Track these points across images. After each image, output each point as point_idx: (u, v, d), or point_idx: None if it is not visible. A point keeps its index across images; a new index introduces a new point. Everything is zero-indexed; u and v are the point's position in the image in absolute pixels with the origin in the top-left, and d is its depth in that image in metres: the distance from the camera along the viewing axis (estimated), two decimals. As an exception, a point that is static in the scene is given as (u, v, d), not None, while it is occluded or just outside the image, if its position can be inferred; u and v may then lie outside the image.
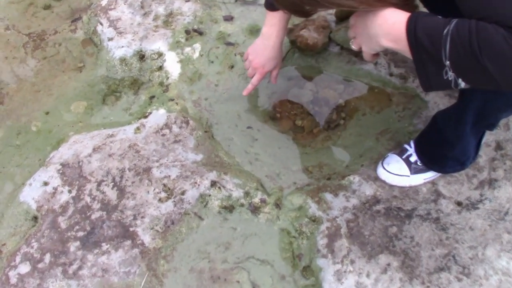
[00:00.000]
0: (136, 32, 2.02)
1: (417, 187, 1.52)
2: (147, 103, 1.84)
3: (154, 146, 1.67)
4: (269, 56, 1.56)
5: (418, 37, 0.94)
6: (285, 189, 1.58)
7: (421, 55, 0.96)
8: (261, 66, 1.58)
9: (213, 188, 1.54)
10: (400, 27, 0.97)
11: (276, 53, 1.56)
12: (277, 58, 1.58)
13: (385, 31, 1.02)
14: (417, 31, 0.94)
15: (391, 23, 1.00)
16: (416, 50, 0.96)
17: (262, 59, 1.57)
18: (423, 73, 0.98)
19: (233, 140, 1.72)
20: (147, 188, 1.57)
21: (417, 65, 0.98)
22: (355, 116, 1.76)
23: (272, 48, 1.54)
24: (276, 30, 1.51)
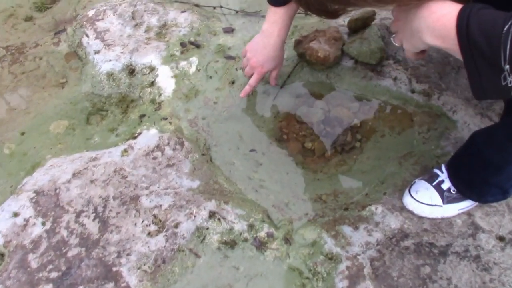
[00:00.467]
0: (125, 45, 1.87)
1: (451, 219, 1.36)
2: (137, 123, 1.69)
3: (144, 171, 1.51)
4: (268, 55, 1.50)
5: (471, 35, 0.79)
6: (295, 221, 1.45)
7: (474, 57, 0.81)
8: (260, 65, 1.52)
9: (212, 220, 1.39)
10: (448, 21, 0.82)
11: (277, 53, 1.51)
12: (277, 58, 1.53)
13: (430, 25, 0.86)
14: (470, 27, 0.79)
15: (438, 16, 0.85)
16: (468, 50, 0.81)
17: (261, 58, 1.51)
18: (476, 78, 0.84)
19: (235, 164, 1.60)
20: (134, 220, 1.39)
21: (469, 68, 0.84)
22: (372, 138, 1.63)
23: (273, 47, 1.48)
24: (278, 28, 1.44)
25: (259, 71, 1.53)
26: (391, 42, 1.73)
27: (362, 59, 1.69)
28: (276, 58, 1.52)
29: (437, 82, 1.63)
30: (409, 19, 0.91)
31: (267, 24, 1.45)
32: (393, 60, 1.72)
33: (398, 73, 1.68)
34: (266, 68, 1.53)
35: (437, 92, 1.63)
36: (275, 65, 1.55)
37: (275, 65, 1.55)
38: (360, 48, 1.69)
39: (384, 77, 1.69)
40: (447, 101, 1.59)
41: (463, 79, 1.62)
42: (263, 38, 1.48)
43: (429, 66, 1.67)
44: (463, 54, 0.82)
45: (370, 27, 1.73)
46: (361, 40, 1.70)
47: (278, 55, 1.52)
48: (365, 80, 1.72)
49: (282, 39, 1.47)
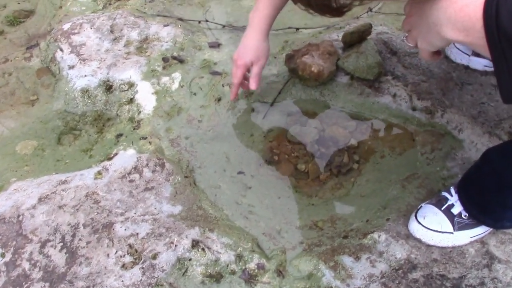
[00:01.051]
0: (103, 59, 1.78)
1: (463, 248, 1.24)
2: (113, 143, 1.60)
3: (119, 195, 1.40)
4: (246, 45, 1.43)
5: (502, 25, 0.69)
6: (289, 250, 1.34)
7: (504, 51, 0.71)
8: (238, 57, 1.44)
9: (195, 250, 1.27)
10: (473, 11, 0.72)
11: (255, 43, 1.42)
12: (256, 49, 1.42)
13: (450, 17, 0.76)
14: (500, 16, 0.69)
15: (460, 6, 0.75)
16: (497, 43, 0.71)
17: (239, 49, 1.44)
18: (506, 76, 0.74)
19: (221, 188, 1.50)
20: (106, 250, 1.26)
21: (498, 65, 0.74)
22: (371, 159, 1.55)
23: (253, 36, 1.42)
24: (258, 16, 1.40)
25: (237, 64, 1.44)
26: (388, 57, 1.65)
27: (359, 75, 1.62)
28: (254, 49, 1.41)
29: (440, 99, 1.55)
30: (425, 12, 0.81)
31: (252, 12, 1.41)
32: (391, 76, 1.64)
33: (398, 89, 1.61)
34: (243, 59, 1.42)
35: (440, 110, 1.54)
36: (255, 57, 1.43)
37: (255, 57, 1.43)
38: (356, 62, 1.61)
39: (383, 94, 1.62)
40: (452, 119, 1.51)
41: (468, 96, 1.54)
42: (247, 28, 1.44)
43: (430, 81, 1.59)
44: (491, 48, 0.72)
45: (366, 41, 1.66)
46: (357, 55, 1.62)
47: (257, 46, 1.41)
48: (362, 97, 1.64)
49: (262, 28, 1.39)
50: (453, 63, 1.64)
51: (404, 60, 1.68)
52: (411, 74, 1.63)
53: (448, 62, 1.65)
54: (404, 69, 1.65)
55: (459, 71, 1.62)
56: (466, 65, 1.62)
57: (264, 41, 1.43)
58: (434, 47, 0.85)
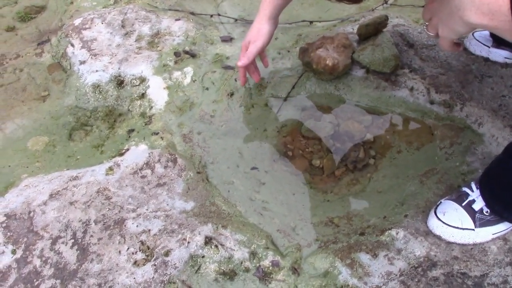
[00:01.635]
0: (114, 54, 1.77)
1: (484, 245, 1.21)
2: (125, 138, 1.59)
3: (131, 191, 1.39)
4: (252, 27, 1.49)
5: None
6: (304, 248, 1.32)
7: None
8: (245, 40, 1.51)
9: (208, 247, 1.26)
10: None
11: (257, 25, 1.48)
12: (257, 31, 1.48)
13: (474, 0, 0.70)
14: None
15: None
16: None
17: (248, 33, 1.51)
18: None
19: (234, 184, 1.49)
20: (118, 247, 1.25)
21: None
22: (388, 154, 1.53)
23: (257, 20, 1.48)
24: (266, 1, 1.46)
25: (242, 45, 1.51)
26: (405, 50, 1.62)
27: (375, 68, 1.60)
28: (255, 30, 1.47)
29: (459, 92, 1.52)
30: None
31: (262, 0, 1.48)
32: (408, 69, 1.61)
33: (415, 82, 1.58)
34: (246, 39, 1.49)
35: (459, 103, 1.52)
36: (255, 37, 1.48)
37: (255, 37, 1.48)
38: (372, 55, 1.59)
39: (400, 87, 1.59)
40: (471, 113, 1.49)
41: (488, 88, 1.51)
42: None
43: (449, 74, 1.56)
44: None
45: (382, 34, 1.63)
46: (373, 47, 1.59)
47: (258, 28, 1.47)
48: (378, 90, 1.62)
49: (266, 12, 1.45)
50: (472, 55, 1.61)
51: (421, 52, 1.65)
52: (428, 66, 1.60)
53: (467, 54, 1.62)
54: (422, 62, 1.62)
55: (478, 64, 1.58)
56: (486, 57, 1.59)
57: (266, 24, 1.47)
58: (456, 34, 0.82)
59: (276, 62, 1.72)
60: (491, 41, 1.58)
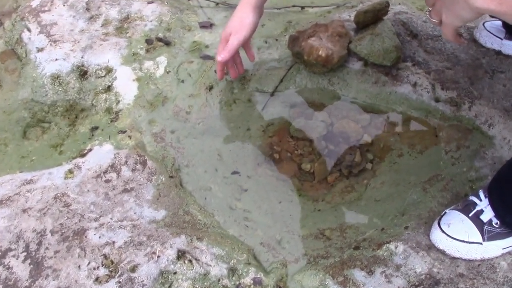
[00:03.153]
0: (77, 41, 1.80)
1: (493, 261, 1.25)
2: (87, 137, 1.62)
3: (93, 197, 1.41)
4: (235, 16, 1.51)
5: None
6: (290, 263, 1.36)
7: None
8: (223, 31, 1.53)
9: (181, 262, 1.28)
10: None
11: (240, 15, 1.50)
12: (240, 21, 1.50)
13: None
14: None
15: None
16: None
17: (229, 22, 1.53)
18: None
19: (212, 190, 1.53)
20: (78, 261, 1.27)
21: None
22: (387, 158, 1.58)
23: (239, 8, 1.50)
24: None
25: (222, 36, 1.53)
26: (408, 41, 1.66)
27: (374, 60, 1.63)
28: (237, 20, 1.50)
29: (468, 89, 1.57)
30: None
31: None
32: (411, 62, 1.66)
33: (419, 77, 1.63)
34: (227, 30, 1.51)
35: (467, 101, 1.57)
36: (237, 27, 1.50)
37: (237, 27, 1.50)
38: (371, 46, 1.62)
39: (401, 83, 1.64)
40: (481, 112, 1.53)
41: (500, 85, 1.56)
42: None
43: (456, 69, 1.61)
44: None
45: (382, 22, 1.67)
46: (372, 37, 1.63)
47: (240, 18, 1.49)
48: (377, 86, 1.66)
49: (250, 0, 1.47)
50: (483, 47, 1.65)
51: (426, 44, 1.68)
52: (434, 60, 1.64)
53: (477, 46, 1.66)
54: (426, 54, 1.65)
55: (489, 57, 1.62)
56: (498, 50, 1.63)
57: (250, 13, 1.49)
58: (461, 20, 0.85)
59: (262, 52, 1.75)
60: (504, 32, 1.61)
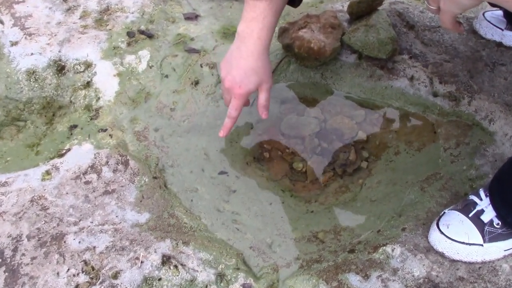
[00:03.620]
0: (53, 34, 1.80)
1: (495, 264, 1.26)
2: (65, 136, 1.62)
3: (72, 200, 1.42)
4: (246, 67, 1.36)
5: None
6: (282, 268, 1.37)
7: None
8: (237, 85, 1.38)
9: (166, 267, 1.29)
10: None
11: (259, 63, 1.36)
12: (261, 70, 1.38)
13: None
14: None
15: None
16: None
17: (236, 74, 1.37)
18: None
19: (198, 191, 1.53)
20: (56, 268, 1.27)
21: None
22: (383, 156, 1.60)
23: (252, 54, 1.34)
24: (259, 26, 1.32)
25: (237, 94, 1.39)
26: (404, 32, 1.67)
27: (368, 53, 1.65)
28: (258, 71, 1.37)
29: (467, 83, 1.59)
30: None
31: (244, 23, 1.34)
32: (408, 55, 1.67)
33: (416, 71, 1.64)
34: (245, 87, 1.38)
35: (467, 96, 1.58)
36: (259, 81, 1.39)
37: (259, 81, 1.39)
38: (365, 38, 1.64)
39: (398, 76, 1.65)
40: (481, 107, 1.55)
41: (501, 78, 1.58)
42: (238, 44, 1.37)
43: (455, 61, 1.63)
44: None
45: (377, 12, 1.69)
46: (367, 28, 1.64)
47: (261, 66, 1.37)
48: (372, 80, 1.68)
49: (265, 42, 1.34)
50: (483, 39, 1.66)
51: (423, 35, 1.70)
52: (431, 52, 1.65)
53: (477, 38, 1.68)
54: (424, 47, 1.66)
55: (490, 49, 1.64)
56: (499, 42, 1.64)
57: (267, 59, 1.39)
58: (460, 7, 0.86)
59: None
60: (505, 22, 1.63)
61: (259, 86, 1.40)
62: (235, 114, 1.42)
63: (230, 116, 1.43)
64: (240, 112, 1.43)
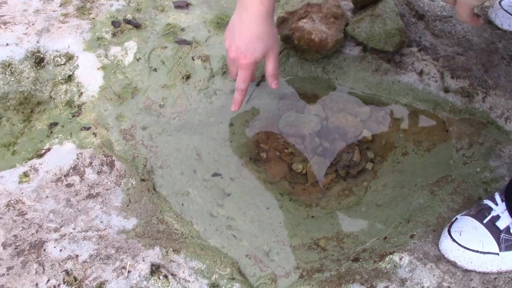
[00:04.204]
0: (31, 23, 1.80)
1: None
2: (45, 135, 1.62)
3: (53, 204, 1.42)
4: (251, 35, 1.39)
5: None
6: (280, 278, 1.37)
7: None
8: (242, 55, 1.40)
9: (155, 278, 1.29)
10: None
11: (263, 29, 1.39)
12: (265, 37, 1.40)
13: None
14: None
15: None
16: None
17: (241, 43, 1.39)
18: None
19: (190, 195, 1.54)
20: (35, 279, 1.27)
21: None
22: (390, 157, 1.60)
23: (255, 20, 1.37)
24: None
25: (243, 64, 1.41)
26: (413, 23, 1.67)
27: (374, 45, 1.65)
28: (263, 37, 1.39)
29: (481, 77, 1.59)
30: None
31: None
32: (417, 47, 1.67)
33: (425, 64, 1.64)
34: (251, 56, 1.40)
35: (481, 92, 1.58)
36: (265, 48, 1.41)
37: (265, 48, 1.41)
38: (370, 29, 1.64)
39: (406, 71, 1.65)
40: (496, 104, 1.55)
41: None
42: (240, 12, 1.39)
43: (468, 54, 1.63)
44: None
45: (383, 1, 1.69)
46: (372, 18, 1.64)
47: (265, 32, 1.39)
48: (378, 74, 1.67)
49: (268, 7, 1.36)
50: (499, 29, 1.67)
51: (433, 26, 1.70)
52: (442, 44, 1.66)
53: (492, 28, 1.68)
54: (434, 38, 1.67)
55: (506, 41, 1.64)
56: (517, 33, 1.64)
57: (272, 25, 1.41)
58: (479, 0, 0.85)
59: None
60: None
61: (265, 54, 1.42)
62: (243, 86, 1.45)
63: (239, 89, 1.46)
64: (248, 84, 1.46)
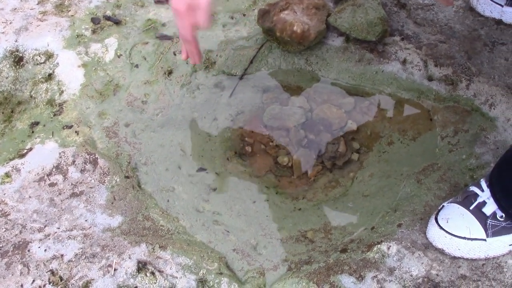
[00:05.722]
0: (8, 22, 1.80)
1: (500, 260, 1.27)
2: (26, 134, 1.61)
3: (36, 204, 1.42)
4: None
5: None
6: (269, 271, 1.38)
7: None
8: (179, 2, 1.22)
9: (142, 275, 1.29)
10: None
11: None
12: None
13: None
14: None
15: None
16: None
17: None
18: None
19: (175, 191, 1.54)
20: (20, 280, 1.27)
21: None
22: (376, 147, 1.61)
23: None
24: None
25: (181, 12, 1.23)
26: (395, 12, 1.68)
27: (357, 35, 1.66)
28: None
29: (465, 65, 1.60)
30: None
31: None
32: (400, 36, 1.68)
33: (409, 53, 1.65)
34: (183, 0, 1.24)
35: (465, 79, 1.59)
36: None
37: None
38: (352, 19, 1.64)
39: (389, 60, 1.66)
40: (480, 91, 1.55)
41: (501, 59, 1.59)
42: None
43: (451, 42, 1.64)
44: None
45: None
46: (354, 8, 1.65)
47: None
48: (361, 64, 1.68)
49: None
50: (481, 16, 1.68)
51: (416, 14, 1.71)
52: (425, 32, 1.66)
53: (474, 15, 1.69)
54: (417, 27, 1.68)
55: (489, 28, 1.65)
56: (499, 19, 1.66)
57: None
58: None
59: (229, 30, 1.76)
60: None
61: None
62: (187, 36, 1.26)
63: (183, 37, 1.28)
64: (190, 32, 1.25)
